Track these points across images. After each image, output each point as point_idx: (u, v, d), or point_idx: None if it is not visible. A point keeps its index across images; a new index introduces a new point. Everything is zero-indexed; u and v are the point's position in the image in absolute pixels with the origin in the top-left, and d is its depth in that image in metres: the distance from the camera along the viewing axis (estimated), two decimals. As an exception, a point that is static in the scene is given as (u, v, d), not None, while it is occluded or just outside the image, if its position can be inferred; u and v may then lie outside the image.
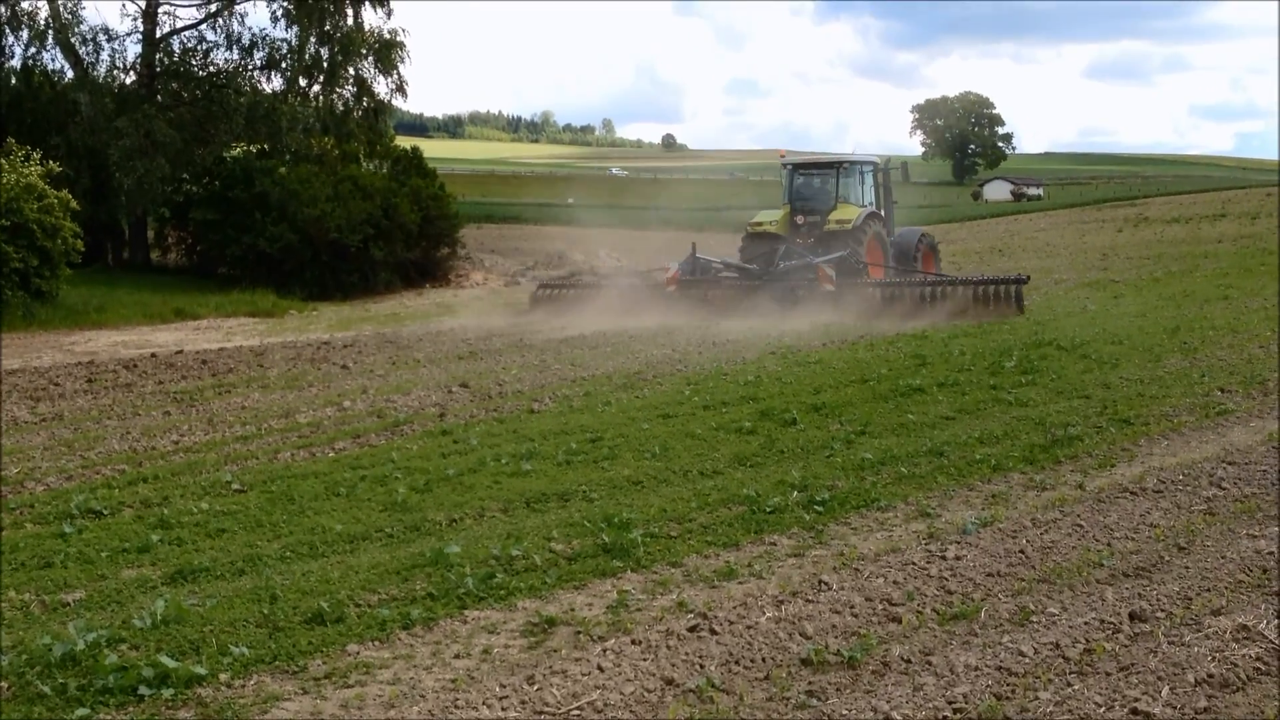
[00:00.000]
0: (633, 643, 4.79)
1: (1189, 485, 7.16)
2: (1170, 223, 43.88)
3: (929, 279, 20.11)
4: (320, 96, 32.53)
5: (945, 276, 20.89)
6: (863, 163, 22.29)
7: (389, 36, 32.90)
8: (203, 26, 31.50)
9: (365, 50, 32.47)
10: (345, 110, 32.78)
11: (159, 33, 30.85)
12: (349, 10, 32.13)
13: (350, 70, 32.59)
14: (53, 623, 5.18)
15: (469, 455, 8.65)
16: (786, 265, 20.02)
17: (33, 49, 29.85)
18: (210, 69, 31.84)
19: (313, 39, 31.52)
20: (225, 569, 5.98)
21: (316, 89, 32.55)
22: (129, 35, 31.61)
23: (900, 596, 5.30)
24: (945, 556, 5.87)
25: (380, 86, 33.24)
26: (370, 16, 41.32)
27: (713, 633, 4.87)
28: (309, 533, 6.64)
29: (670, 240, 33.71)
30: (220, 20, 31.43)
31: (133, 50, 32.26)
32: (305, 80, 32.20)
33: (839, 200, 21.54)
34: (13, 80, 29.61)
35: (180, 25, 31.39)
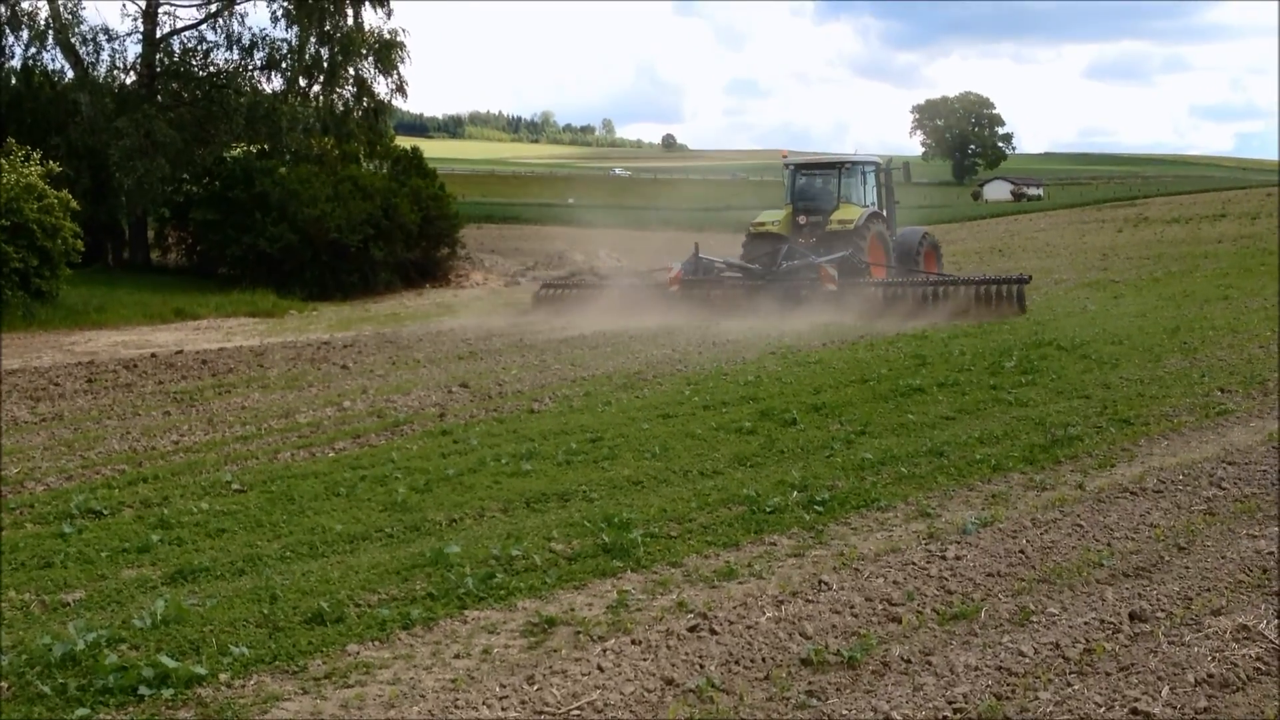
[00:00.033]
0: (633, 643, 4.79)
1: (1189, 485, 7.16)
2: (1170, 223, 43.87)
3: (931, 279, 20.10)
4: (320, 97, 32.54)
5: (947, 276, 20.89)
6: (864, 163, 22.29)
7: (389, 36, 32.93)
8: (203, 27, 31.53)
9: (365, 50, 32.46)
10: (345, 110, 32.78)
11: (159, 33, 30.84)
12: (349, 10, 32.14)
13: (350, 70, 32.60)
14: (53, 623, 5.18)
15: (469, 455, 8.65)
16: (789, 265, 20.04)
17: (33, 49, 29.91)
18: (210, 69, 31.84)
19: (313, 39, 31.52)
20: (225, 569, 5.99)
21: (316, 89, 32.57)
22: (129, 35, 31.74)
23: (900, 596, 5.30)
24: (945, 556, 5.87)
25: (380, 86, 33.31)
26: (370, 16, 41.31)
27: (713, 633, 4.87)
28: (309, 533, 6.64)
29: (671, 240, 33.71)
30: (220, 20, 31.43)
31: (133, 50, 32.30)
32: (305, 80, 32.22)
33: (841, 200, 21.55)
34: (13, 80, 29.62)
35: (180, 25, 31.44)
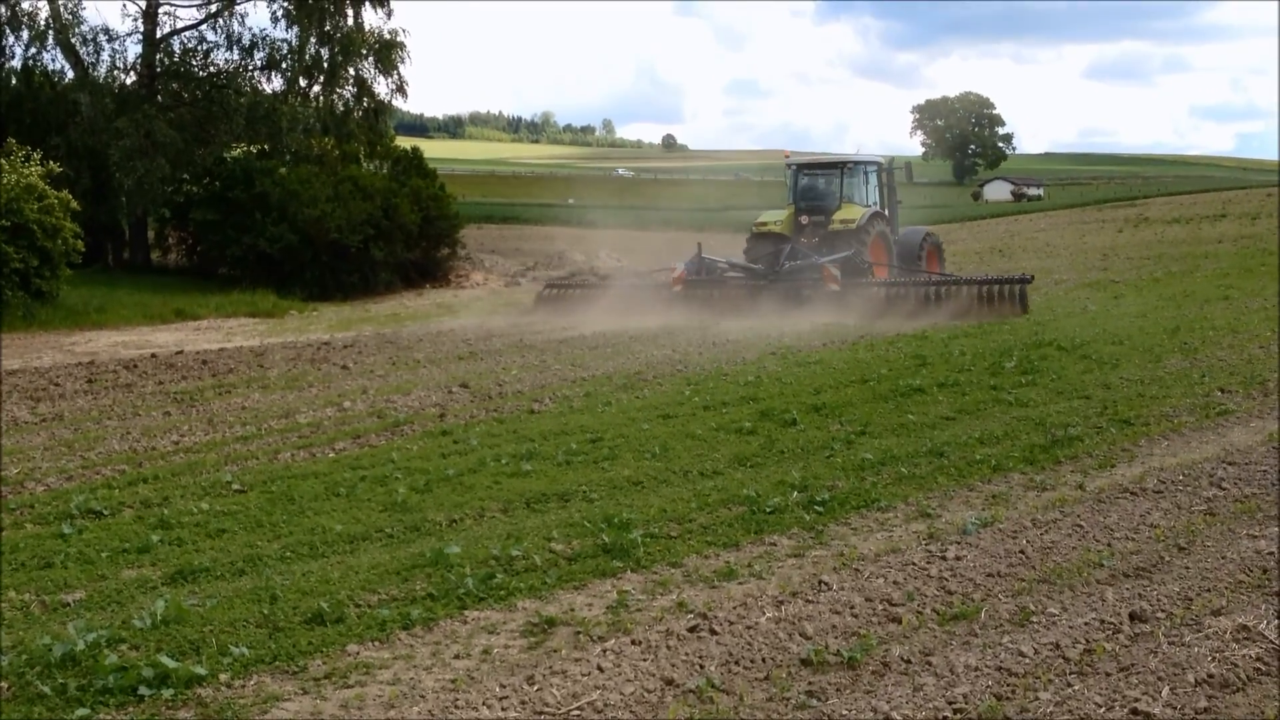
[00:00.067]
0: (633, 643, 4.79)
1: (1189, 485, 7.16)
2: (1170, 223, 43.88)
3: (933, 279, 20.11)
4: (320, 97, 32.55)
5: (950, 276, 20.89)
6: (867, 163, 22.33)
7: (389, 37, 32.94)
8: (203, 27, 31.53)
9: (365, 50, 32.47)
10: (345, 111, 32.79)
11: (159, 33, 30.84)
12: (349, 10, 32.15)
13: (350, 70, 32.61)
14: (53, 623, 5.18)
15: (469, 455, 8.65)
16: (792, 265, 20.08)
17: (33, 49, 29.93)
18: (210, 69, 31.84)
19: (313, 39, 31.53)
20: (225, 569, 5.99)
21: (317, 89, 32.58)
22: (129, 35, 31.77)
23: (900, 597, 5.29)
24: (945, 557, 5.87)
25: (380, 87, 33.31)
26: (370, 17, 41.30)
27: (713, 633, 4.87)
28: (309, 533, 6.64)
29: (671, 241, 33.69)
30: (220, 21, 31.43)
31: (133, 50, 32.32)
32: (305, 81, 32.23)
33: (843, 200, 21.59)
34: (13, 80, 29.63)
35: (180, 26, 31.45)
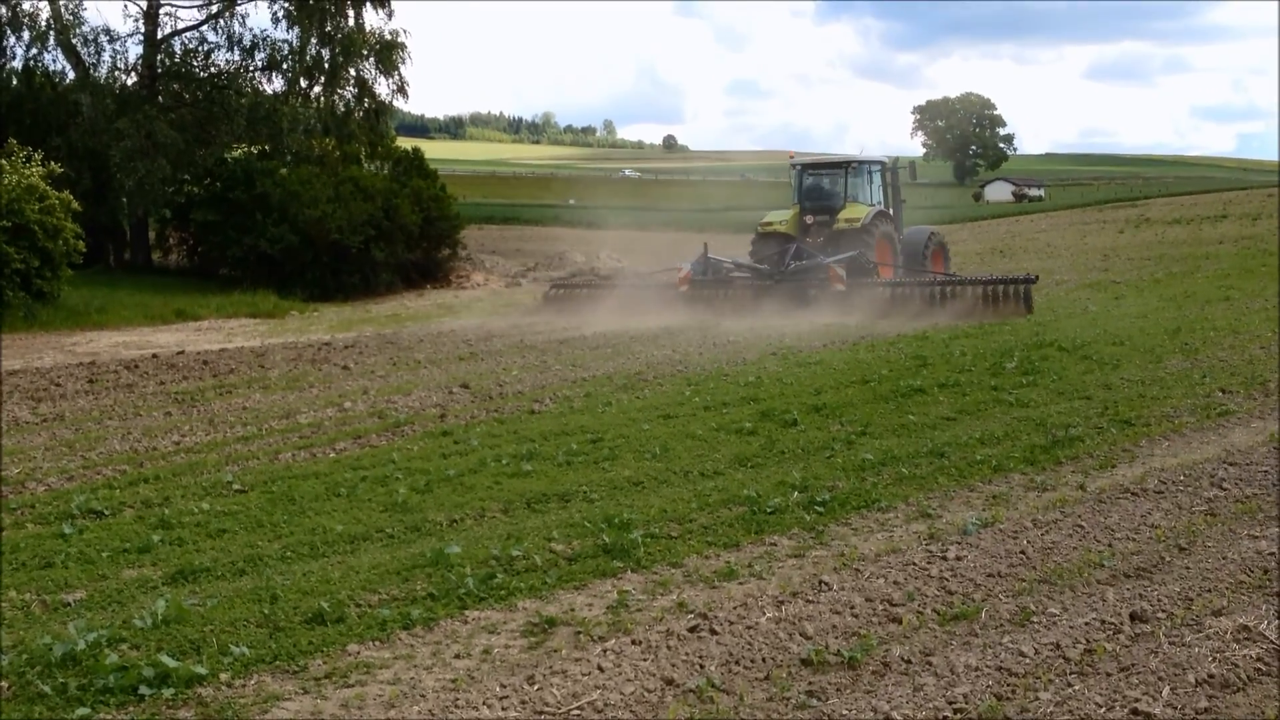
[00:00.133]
0: (633, 643, 4.79)
1: (1190, 486, 7.16)
2: (1171, 224, 43.87)
3: (938, 279, 20.13)
4: (321, 97, 32.55)
5: (955, 276, 20.90)
6: (871, 162, 22.39)
7: (390, 37, 32.91)
8: (204, 28, 31.52)
9: (366, 51, 32.46)
10: (346, 111, 32.79)
11: (160, 34, 30.84)
12: (350, 11, 32.15)
13: (351, 71, 32.61)
14: (53, 622, 5.18)
15: (469, 456, 8.65)
16: (798, 265, 20.12)
17: (34, 50, 29.92)
18: (211, 70, 31.84)
19: (314, 40, 31.53)
20: (226, 569, 5.99)
21: (317, 90, 32.58)
22: (130, 36, 31.75)
23: (901, 597, 5.29)
24: (946, 557, 5.87)
25: (381, 87, 33.29)
26: (371, 17, 41.47)
27: (713, 633, 4.87)
28: (310, 533, 6.64)
29: (673, 241, 33.69)
30: (221, 21, 31.42)
31: (134, 51, 32.37)
32: (306, 81, 32.22)
33: (848, 200, 21.65)
34: (14, 81, 29.64)
35: (181, 26, 31.44)
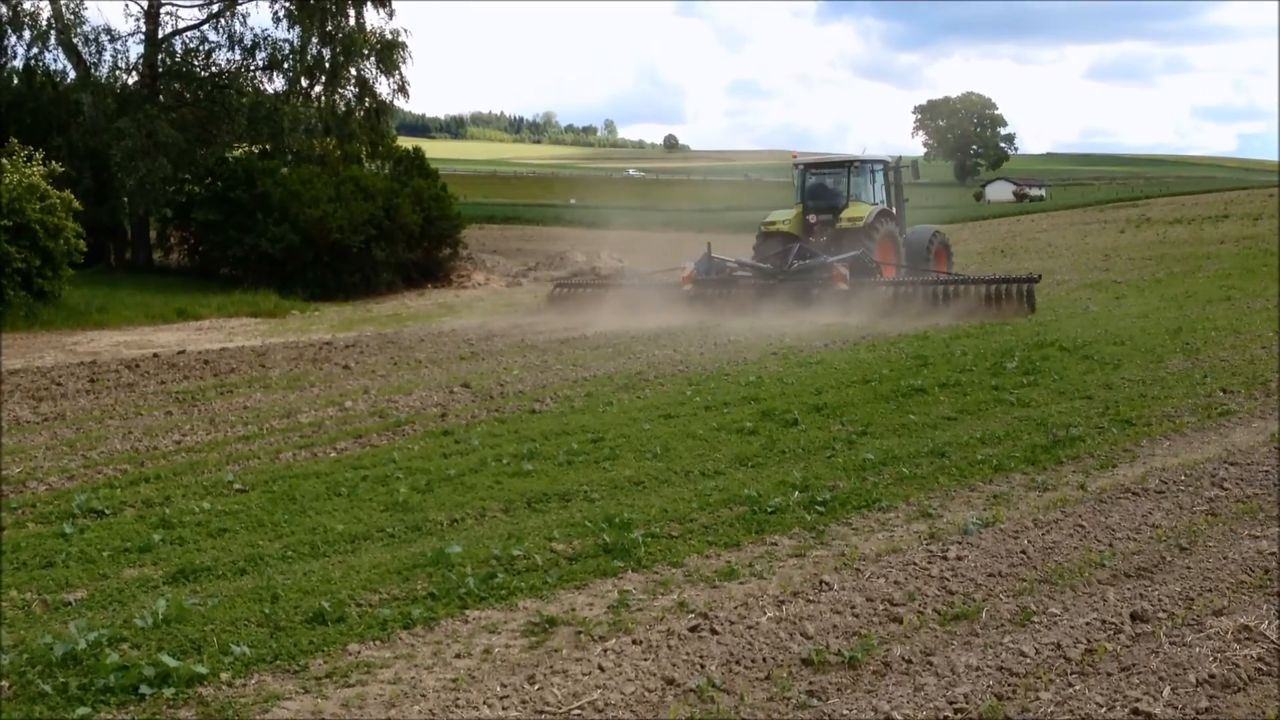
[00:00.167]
0: (634, 642, 4.79)
1: (1191, 486, 7.16)
2: (1172, 224, 43.84)
3: (941, 278, 20.15)
4: (322, 97, 32.56)
5: (958, 276, 20.91)
6: (873, 162, 22.46)
7: (391, 37, 32.93)
8: (205, 27, 31.52)
9: (367, 51, 32.47)
10: (347, 111, 32.80)
11: (161, 33, 30.85)
12: (351, 10, 32.16)
13: (352, 71, 32.62)
14: (54, 622, 5.19)
15: (470, 455, 8.65)
16: (801, 265, 20.17)
17: (35, 49, 29.92)
18: (212, 69, 31.84)
19: (315, 39, 31.53)
20: (227, 568, 5.99)
21: (318, 89, 32.59)
22: (131, 35, 31.71)
23: (901, 597, 5.29)
24: (946, 557, 5.87)
25: (382, 87, 33.31)
26: (372, 17, 41.50)
27: (713, 633, 4.87)
28: (310, 532, 6.64)
29: (673, 241, 33.70)
30: (222, 21, 31.43)
31: (135, 50, 32.37)
32: (307, 81, 32.22)
33: (851, 199, 21.69)
34: (15, 80, 29.65)
35: (182, 26, 31.45)
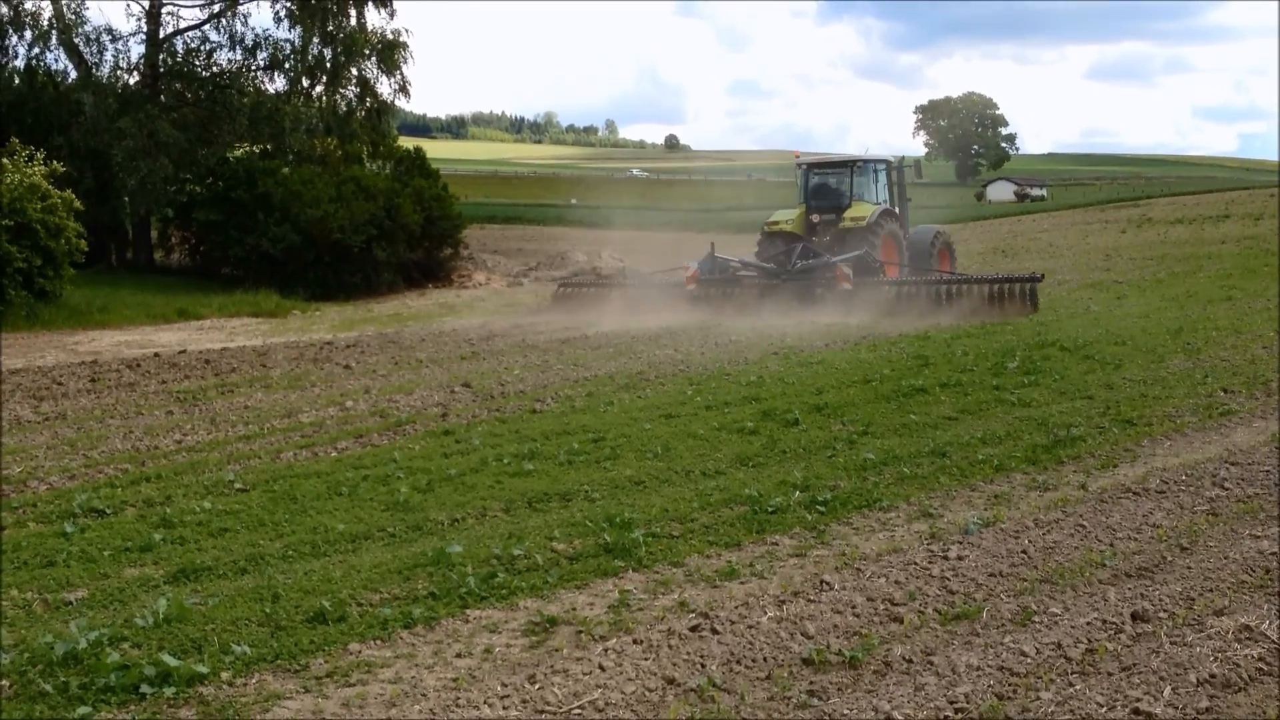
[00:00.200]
0: (634, 642, 4.79)
1: (1192, 486, 7.15)
2: (1174, 224, 43.81)
3: (944, 277, 20.18)
4: (323, 97, 32.56)
5: (961, 275, 20.94)
6: (876, 161, 22.52)
7: (392, 37, 32.94)
8: (206, 27, 31.55)
9: (368, 51, 32.47)
10: (348, 111, 32.80)
11: (162, 33, 30.86)
12: (352, 11, 32.17)
13: (353, 71, 32.63)
14: (55, 621, 5.19)
15: (471, 455, 8.65)
16: (804, 264, 20.21)
17: (36, 49, 29.95)
18: (213, 69, 31.85)
19: (316, 39, 31.54)
20: (227, 568, 5.99)
21: (319, 89, 32.58)
22: (132, 35, 31.69)
23: (902, 596, 5.29)
24: (947, 556, 5.86)
25: (383, 87, 33.33)
26: (373, 17, 41.44)
27: (714, 632, 4.87)
28: (311, 532, 6.64)
29: (674, 241, 33.67)
30: (223, 21, 31.45)
31: (136, 50, 32.38)
32: (308, 81, 32.22)
33: (854, 199, 21.74)
34: (16, 80, 29.67)
35: (184, 26, 31.47)
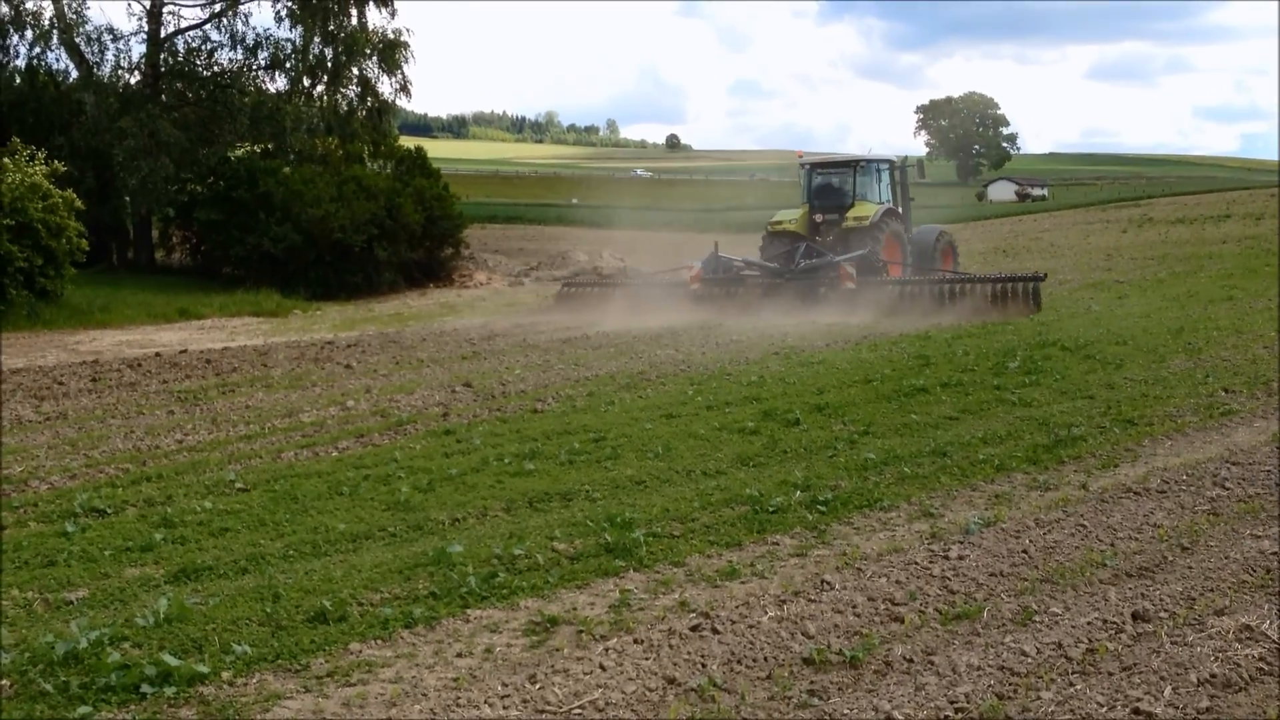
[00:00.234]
0: (635, 642, 4.79)
1: (1192, 485, 7.15)
2: (1175, 223, 43.81)
3: (947, 277, 20.19)
4: (324, 97, 32.57)
5: (964, 274, 20.95)
6: (879, 161, 22.55)
7: (393, 36, 32.96)
8: (207, 26, 31.58)
9: (369, 50, 32.49)
10: (349, 110, 32.81)
11: (163, 32, 30.89)
12: (353, 10, 32.19)
13: (354, 70, 32.64)
14: (56, 621, 5.19)
15: (472, 455, 8.65)
16: (808, 264, 20.23)
17: (37, 49, 29.98)
18: (214, 69, 31.87)
19: (317, 39, 31.56)
20: (228, 568, 5.99)
21: (320, 89, 32.60)
22: (134, 35, 31.68)
23: (903, 596, 5.29)
24: (948, 556, 5.86)
25: (384, 86, 33.35)
26: (374, 16, 41.34)
27: (715, 632, 4.87)
28: (312, 532, 6.64)
29: (674, 241, 33.69)
30: (224, 20, 31.49)
31: (137, 50, 32.51)
32: (309, 80, 32.24)
33: (856, 198, 21.76)
34: (17, 80, 29.69)
35: (185, 25, 31.51)
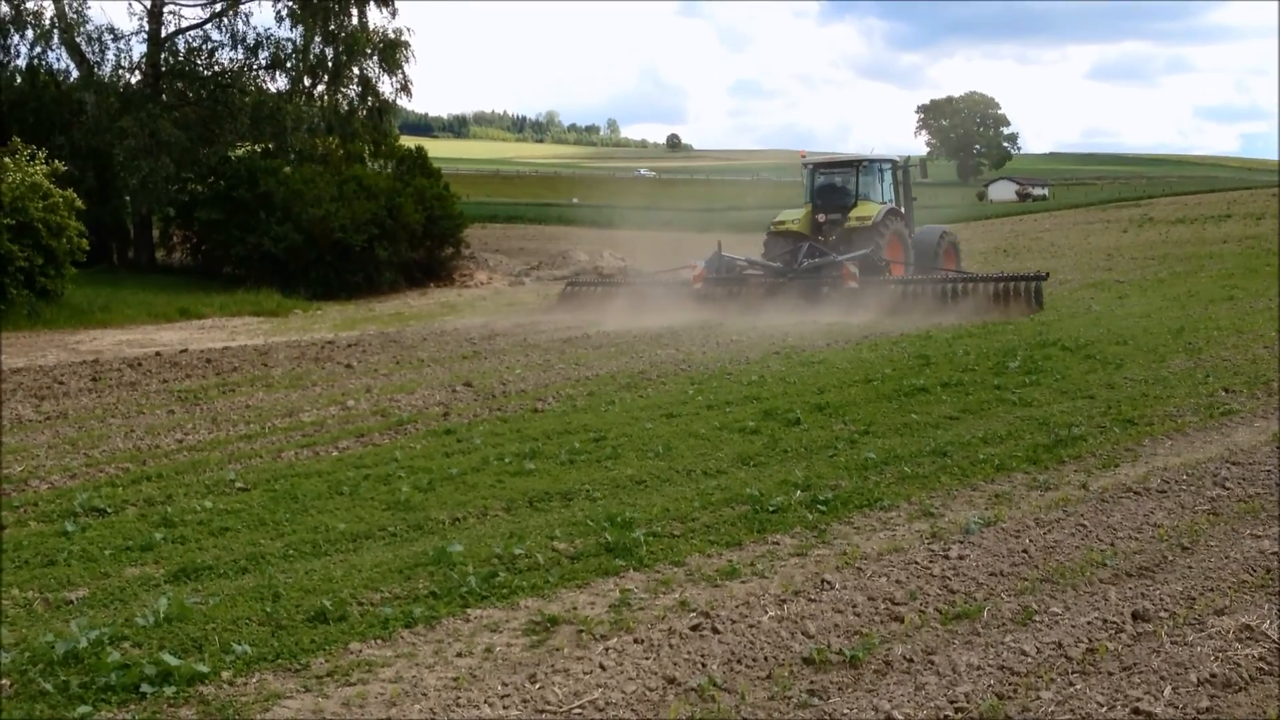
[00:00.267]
0: (635, 641, 4.79)
1: (1193, 485, 7.15)
2: (1175, 223, 43.80)
3: (950, 276, 20.21)
4: (325, 96, 32.57)
5: (966, 274, 20.97)
6: (882, 161, 22.61)
7: (394, 36, 32.94)
8: (208, 26, 31.58)
9: (370, 50, 32.48)
10: (350, 110, 32.80)
11: (164, 32, 30.90)
12: (354, 10, 32.19)
13: (355, 70, 32.62)
14: (55, 620, 5.19)
15: (472, 454, 8.65)
16: (811, 263, 20.26)
17: (38, 48, 29.98)
18: (215, 68, 31.88)
19: (317, 39, 31.55)
20: (228, 567, 5.99)
21: (321, 89, 32.59)
22: (134, 35, 31.69)
23: (903, 596, 5.29)
24: (948, 556, 5.86)
25: (385, 86, 33.33)
26: (375, 16, 41.32)
27: (715, 632, 4.87)
28: (312, 531, 6.64)
29: (675, 241, 33.66)
30: (225, 20, 31.47)
31: (138, 50, 32.57)
32: (310, 80, 32.23)
33: (859, 198, 21.81)
34: (18, 79, 29.71)
35: (185, 25, 31.51)
